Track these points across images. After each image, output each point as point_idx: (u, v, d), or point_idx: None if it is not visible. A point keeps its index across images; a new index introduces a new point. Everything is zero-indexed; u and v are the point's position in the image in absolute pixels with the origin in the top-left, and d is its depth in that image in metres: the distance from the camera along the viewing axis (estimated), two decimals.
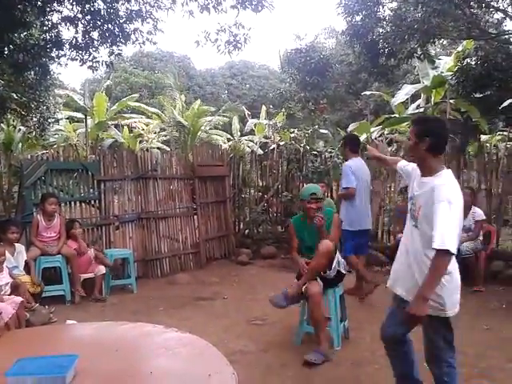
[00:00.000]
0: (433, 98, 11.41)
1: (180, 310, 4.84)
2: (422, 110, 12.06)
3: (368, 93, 14.33)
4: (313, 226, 3.81)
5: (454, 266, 2.41)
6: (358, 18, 8.79)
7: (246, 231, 7.94)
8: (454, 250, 2.19)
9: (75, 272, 5.15)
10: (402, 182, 7.01)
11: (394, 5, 8.84)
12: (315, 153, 8.04)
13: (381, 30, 8.67)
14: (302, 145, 8.31)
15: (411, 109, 12.93)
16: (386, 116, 12.05)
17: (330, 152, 8.67)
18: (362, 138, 12.65)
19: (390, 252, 6.58)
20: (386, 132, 12.58)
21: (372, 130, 11.74)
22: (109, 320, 3.86)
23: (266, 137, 17.97)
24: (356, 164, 5.13)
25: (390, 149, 12.52)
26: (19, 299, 3.96)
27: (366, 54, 9.11)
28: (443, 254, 2.20)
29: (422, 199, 2.45)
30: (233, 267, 6.77)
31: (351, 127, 13.39)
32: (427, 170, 2.48)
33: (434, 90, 11.11)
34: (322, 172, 7.50)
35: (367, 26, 8.63)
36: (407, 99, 11.98)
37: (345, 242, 5.07)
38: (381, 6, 8.59)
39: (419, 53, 8.29)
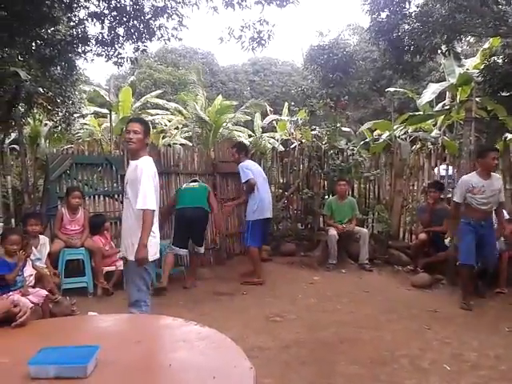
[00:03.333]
0: (458, 96, 11.17)
1: (200, 304, 4.89)
2: (447, 107, 11.84)
3: (392, 90, 14.12)
4: None
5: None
6: (383, 15, 8.70)
7: None
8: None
9: (98, 265, 5.24)
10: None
11: (421, 1, 8.70)
12: (337, 150, 7.98)
13: (406, 27, 8.55)
14: (323, 142, 8.25)
15: (437, 107, 12.70)
16: (410, 113, 11.83)
17: (352, 149, 8.59)
18: (384, 135, 12.52)
19: (412, 251, 6.50)
20: (409, 130, 12.37)
21: (395, 127, 11.56)
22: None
23: (287, 134, 17.95)
24: (249, 163, 6.03)
25: (413, 147, 12.36)
26: (44, 292, 4.05)
27: (391, 50, 9.00)
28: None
29: None
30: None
31: (367, 125, 13.21)
32: None
33: (459, 88, 10.88)
34: (344, 170, 7.42)
35: (393, 23, 8.52)
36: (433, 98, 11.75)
37: (251, 231, 5.79)
38: (407, 3, 8.47)
39: (444, 49, 8.15)
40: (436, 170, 7.26)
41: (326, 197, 7.50)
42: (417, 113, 12.01)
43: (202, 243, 5.84)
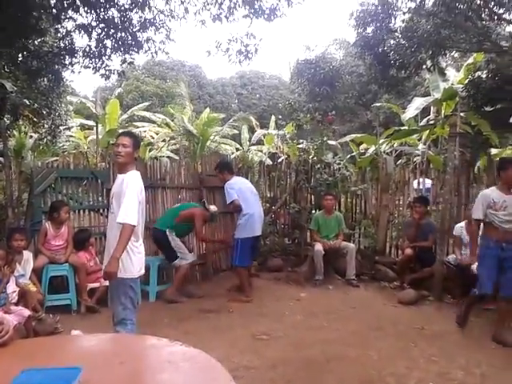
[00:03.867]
0: (443, 111, 11.37)
1: (185, 322, 4.81)
2: (432, 122, 12.02)
3: (378, 104, 14.31)
4: None
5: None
6: (369, 30, 8.83)
7: None
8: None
9: (82, 281, 5.14)
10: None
11: (406, 16, 8.85)
12: (324, 164, 8.01)
13: (392, 42, 8.69)
14: (310, 156, 8.29)
15: (422, 122, 12.90)
16: (396, 128, 11.99)
17: (339, 163, 8.64)
18: (371, 150, 12.63)
19: (398, 267, 6.51)
20: (395, 144, 12.52)
21: (381, 141, 11.69)
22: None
23: (274, 147, 18.02)
24: (235, 181, 5.89)
25: (398, 162, 12.50)
26: (27, 312, 3.95)
27: (377, 65, 9.13)
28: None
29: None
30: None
31: (349, 137, 13.34)
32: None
33: (444, 103, 11.07)
34: (331, 184, 7.45)
35: (378, 38, 8.66)
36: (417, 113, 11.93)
37: (240, 250, 5.68)
38: (393, 18, 8.61)
39: (429, 64, 8.28)
40: (415, 183, 7.37)
41: (313, 211, 7.50)
42: (402, 127, 12.19)
43: (172, 260, 5.73)
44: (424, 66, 8.45)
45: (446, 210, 5.97)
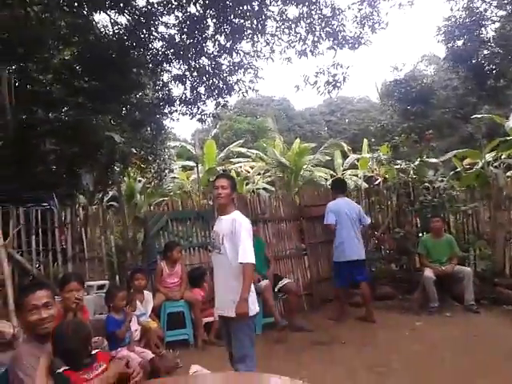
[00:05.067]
0: None
1: (298, 354, 4.80)
2: None
3: (479, 116, 13.45)
4: None
5: None
6: (459, 43, 8.55)
7: None
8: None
9: (198, 317, 5.36)
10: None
11: (498, 25, 8.43)
12: (426, 185, 7.66)
13: (485, 52, 8.31)
14: (409, 177, 7.97)
15: None
16: (501, 139, 11.12)
17: (442, 180, 8.17)
18: (476, 164, 11.81)
19: None
20: (503, 156, 11.60)
21: (486, 154, 10.90)
22: None
23: (370, 170, 17.63)
24: (338, 202, 6.14)
25: (508, 174, 11.51)
26: (150, 355, 4.10)
27: (472, 77, 8.76)
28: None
29: None
30: (347, 309, 6.54)
31: (451, 154, 12.52)
32: None
33: None
34: (437, 205, 7.07)
35: (470, 49, 8.34)
36: None
37: (334, 272, 6.19)
38: (483, 28, 8.27)
39: None
40: None
41: (420, 235, 7.16)
42: (508, 137, 11.28)
43: None
44: None
45: None
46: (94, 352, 2.43)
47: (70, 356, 2.28)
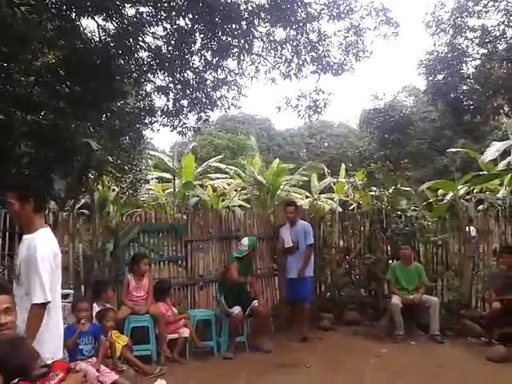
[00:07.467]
0: None
1: (261, 377, 4.73)
2: None
3: (454, 150, 13.82)
4: None
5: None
6: (440, 77, 8.79)
7: (328, 294, 7.70)
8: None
9: (162, 332, 5.24)
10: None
11: (478, 62, 8.72)
12: (399, 213, 7.77)
13: (465, 88, 8.57)
14: (383, 204, 8.08)
15: (501, 165, 12.23)
16: (475, 173, 11.44)
17: (414, 210, 8.31)
18: (448, 196, 12.11)
19: (485, 322, 6.03)
20: (475, 190, 11.92)
21: (459, 187, 11.18)
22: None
23: (345, 195, 17.84)
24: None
25: (478, 207, 11.82)
26: (115, 377, 4.10)
27: (450, 111, 9.00)
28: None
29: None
30: (314, 333, 6.51)
31: (427, 185, 12.81)
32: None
33: None
34: (408, 234, 7.17)
35: (451, 84, 8.57)
36: (496, 156, 11.37)
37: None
38: (464, 64, 8.54)
39: (507, 109, 8.03)
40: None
41: (390, 261, 7.23)
42: (481, 172, 11.62)
43: None
44: (501, 111, 8.20)
45: None
46: (49, 362, 2.37)
47: (18, 373, 2.20)
